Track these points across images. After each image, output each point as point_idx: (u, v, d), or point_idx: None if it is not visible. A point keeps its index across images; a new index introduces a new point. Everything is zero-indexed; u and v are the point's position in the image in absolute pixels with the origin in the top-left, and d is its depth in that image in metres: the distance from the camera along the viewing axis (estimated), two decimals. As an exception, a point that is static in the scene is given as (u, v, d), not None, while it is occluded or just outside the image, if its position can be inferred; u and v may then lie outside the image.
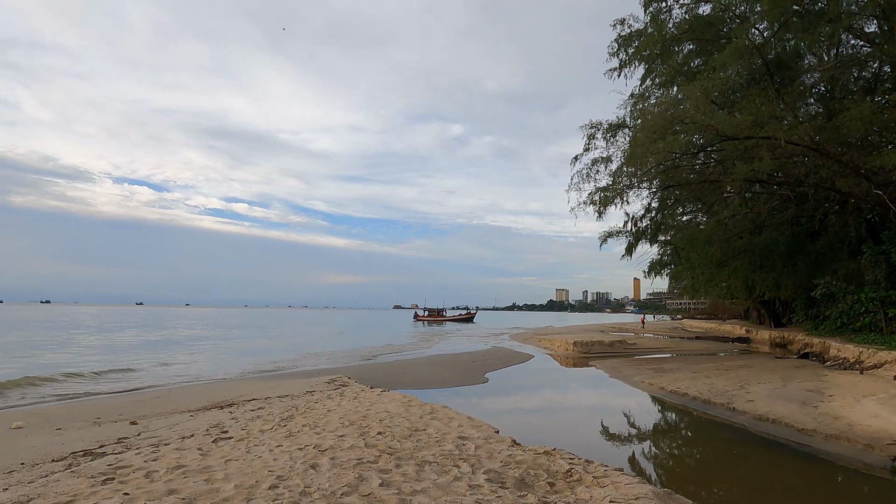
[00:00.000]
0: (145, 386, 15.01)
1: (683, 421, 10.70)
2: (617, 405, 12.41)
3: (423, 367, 18.99)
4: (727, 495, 5.98)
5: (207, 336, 39.23)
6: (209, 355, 24.40)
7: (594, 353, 25.07)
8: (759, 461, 7.30)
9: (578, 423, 9.96)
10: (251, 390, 12.56)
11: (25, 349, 25.71)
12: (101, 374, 16.93)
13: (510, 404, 12.13)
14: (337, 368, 18.94)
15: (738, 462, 7.38)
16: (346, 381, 13.65)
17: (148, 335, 39.87)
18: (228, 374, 18.02)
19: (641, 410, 11.77)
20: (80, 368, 18.24)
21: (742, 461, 7.40)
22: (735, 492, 6.12)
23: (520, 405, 12.09)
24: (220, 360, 21.98)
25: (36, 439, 7.87)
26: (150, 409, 10.37)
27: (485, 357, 23.07)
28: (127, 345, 30.55)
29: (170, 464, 5.47)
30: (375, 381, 14.85)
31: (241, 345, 32.06)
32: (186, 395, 12.07)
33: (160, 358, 22.62)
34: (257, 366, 20.25)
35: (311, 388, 12.27)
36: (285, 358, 23.20)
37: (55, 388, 14.27)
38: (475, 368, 18.93)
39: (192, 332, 45.75)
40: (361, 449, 5.81)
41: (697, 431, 9.79)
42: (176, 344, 32.16)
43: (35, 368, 18.27)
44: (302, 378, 15.42)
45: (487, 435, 6.70)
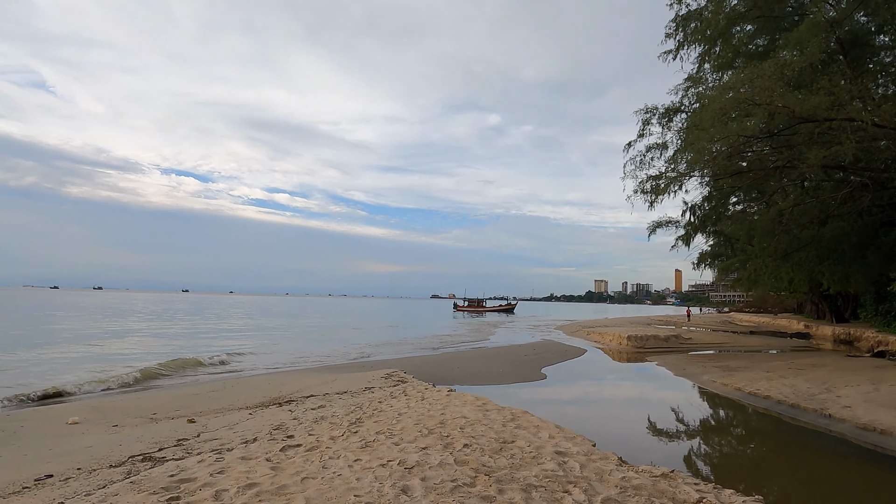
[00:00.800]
0: (203, 375, 14.64)
1: (777, 430, 9.54)
2: (695, 410, 11.32)
3: (475, 361, 18.18)
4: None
5: (260, 326, 39.31)
6: (261, 344, 24.13)
7: (649, 348, 23.83)
8: (883, 482, 6.21)
9: (663, 431, 8.95)
10: (307, 384, 11.95)
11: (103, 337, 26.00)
12: (162, 364, 16.71)
13: (578, 406, 11.20)
14: (388, 361, 18.29)
15: (862, 485, 6.30)
16: (403, 376, 12.93)
17: (208, 325, 40.27)
18: (281, 364, 17.58)
19: (726, 417, 10.67)
20: (137, 360, 18.11)
21: (867, 483, 6.31)
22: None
23: (590, 407, 11.13)
24: (272, 350, 21.64)
25: (92, 437, 7.35)
26: (207, 403, 9.83)
27: (536, 350, 22.12)
28: (189, 334, 30.72)
29: (239, 480, 4.75)
30: (430, 375, 14.12)
31: (290, 334, 31.87)
32: (242, 389, 11.54)
33: (215, 348, 22.41)
34: (308, 356, 19.79)
35: (370, 384, 11.57)
36: (333, 349, 22.73)
37: (112, 377, 13.99)
38: (529, 363, 18.02)
39: (244, 321, 46.13)
40: (452, 467, 4.98)
41: (796, 443, 8.64)
42: (229, 333, 32.26)
43: (101, 359, 18.21)
44: (355, 371, 14.79)
45: (586, 450, 5.80)
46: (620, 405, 11.37)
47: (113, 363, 16.35)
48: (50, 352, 18.94)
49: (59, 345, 21.43)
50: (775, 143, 20.55)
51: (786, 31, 22.46)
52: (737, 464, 7.20)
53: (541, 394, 12.33)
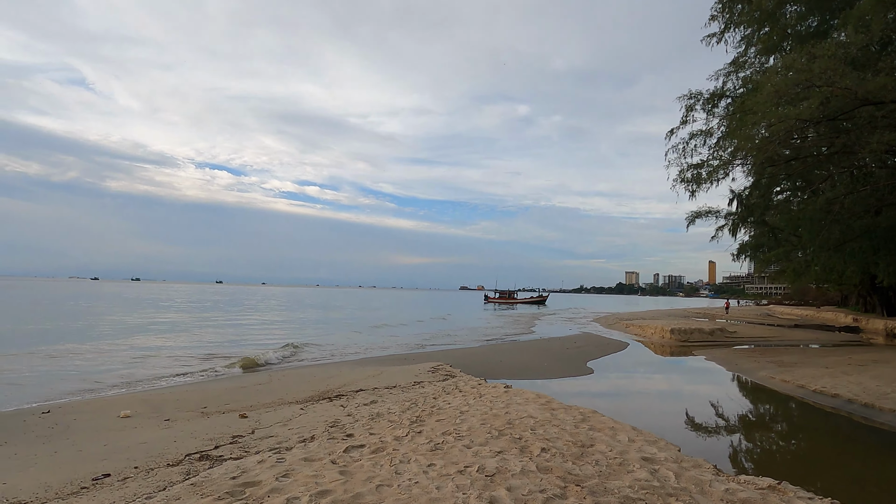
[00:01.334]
0: (246, 366, 14.49)
1: (854, 432, 8.81)
2: (762, 410, 10.62)
3: (517, 354, 17.68)
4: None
5: (305, 319, 39.42)
6: (300, 336, 24.05)
7: (693, 342, 22.97)
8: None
9: (734, 434, 8.33)
10: (353, 378, 11.63)
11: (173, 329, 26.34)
12: (205, 357, 16.66)
13: (634, 403, 10.61)
14: (429, 353, 17.92)
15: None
16: (449, 370, 12.51)
17: (253, 317, 40.62)
18: (322, 356, 17.37)
19: (798, 418, 9.95)
20: (176, 350, 18.14)
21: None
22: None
23: (647, 405, 10.54)
24: (312, 342, 21.50)
25: (145, 433, 7.11)
26: (256, 397, 9.56)
27: (577, 343, 21.51)
28: (239, 325, 30.95)
29: (308, 486, 4.37)
30: (474, 369, 13.69)
31: (333, 326, 31.80)
32: (288, 382, 11.27)
33: (260, 341, 22.38)
34: (349, 348, 19.56)
35: (418, 378, 11.18)
36: (371, 340, 22.47)
37: (159, 371, 13.94)
38: (573, 357, 17.45)
39: (285, 313, 46.44)
40: (537, 475, 4.52)
41: (882, 447, 7.93)
42: (268, 325, 32.38)
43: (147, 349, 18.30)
44: (399, 364, 14.44)
45: (675, 456, 5.26)
46: (680, 403, 10.75)
47: (195, 354, 16.43)
48: (118, 345, 19.15)
49: (127, 337, 21.71)
50: (827, 128, 19.43)
51: (840, 11, 21.21)
52: (830, 474, 6.57)
53: (591, 389, 11.78)
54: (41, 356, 15.19)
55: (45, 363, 14.06)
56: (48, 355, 15.42)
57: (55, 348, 17.03)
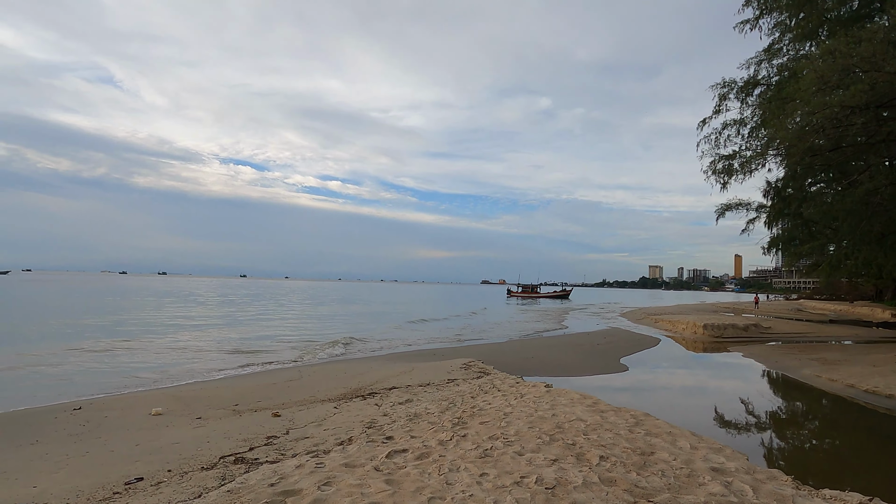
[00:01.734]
0: (273, 363, 14.30)
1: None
2: (814, 412, 10.04)
3: (547, 350, 17.22)
4: None
5: (325, 313, 39.43)
6: (333, 331, 23.89)
7: (727, 338, 22.23)
8: None
9: (792, 440, 7.79)
10: (384, 374, 11.31)
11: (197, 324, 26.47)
12: (234, 352, 16.55)
13: (679, 402, 10.11)
14: (459, 348, 17.55)
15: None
16: (483, 367, 12.13)
17: (284, 312, 40.73)
18: (350, 351, 17.13)
19: (855, 421, 9.35)
20: (204, 344, 18.06)
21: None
22: None
23: (692, 405, 10.02)
24: (343, 338, 21.28)
25: (178, 431, 6.86)
26: (287, 394, 9.30)
27: (606, 339, 20.96)
28: (248, 318, 31.00)
29: (353, 497, 4.01)
30: (506, 365, 13.29)
31: (353, 320, 31.64)
32: (319, 379, 11.00)
33: (287, 336, 22.28)
34: (377, 343, 19.30)
35: (451, 375, 10.82)
36: (399, 335, 22.19)
37: (191, 365, 13.81)
38: (604, 352, 16.95)
39: (311, 307, 46.51)
40: (601, 487, 4.11)
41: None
42: (296, 318, 32.36)
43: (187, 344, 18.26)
44: (429, 360, 14.09)
45: (746, 466, 4.81)
46: (728, 404, 10.20)
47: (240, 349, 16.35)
48: (152, 340, 19.20)
49: (176, 333, 21.78)
50: (872, 116, 18.53)
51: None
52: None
53: (630, 387, 11.29)
54: (75, 351, 15.21)
55: (78, 358, 14.05)
56: (82, 350, 15.44)
57: (89, 343, 17.08)
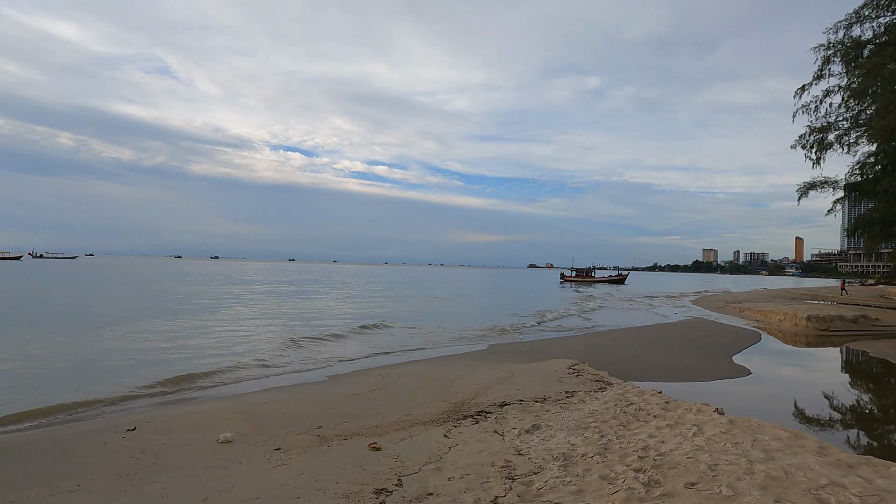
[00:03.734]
0: (346, 359, 12.65)
1: None
2: None
3: (642, 346, 14.95)
4: None
5: (396, 296, 37.98)
6: (392, 317, 22.28)
7: (836, 331, 19.33)
8: None
9: None
10: (480, 381, 9.39)
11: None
12: (297, 344, 15.07)
13: (867, 428, 7.82)
14: (545, 343, 15.50)
15: None
16: (594, 371, 10.03)
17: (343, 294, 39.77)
18: (426, 345, 15.36)
19: None
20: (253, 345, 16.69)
21: None
22: None
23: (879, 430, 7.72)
24: (407, 327, 19.56)
25: (254, 475, 5.11)
26: (377, 410, 7.49)
27: (700, 332, 18.50)
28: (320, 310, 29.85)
29: None
30: (608, 366, 11.21)
31: (420, 307, 29.97)
32: (407, 386, 9.16)
33: (351, 322, 20.66)
34: (451, 336, 17.46)
35: (565, 385, 8.78)
36: (468, 326, 20.29)
37: (262, 356, 12.33)
38: (707, 349, 14.62)
39: (362, 290, 45.44)
40: None
41: None
42: (357, 304, 31.04)
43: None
44: (519, 359, 12.08)
45: None
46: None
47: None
48: (217, 329, 18.14)
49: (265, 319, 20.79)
50: None
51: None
52: None
53: (776, 399, 9.01)
54: (138, 340, 14.04)
55: (139, 349, 12.80)
56: (144, 340, 14.25)
57: (150, 331, 15.94)
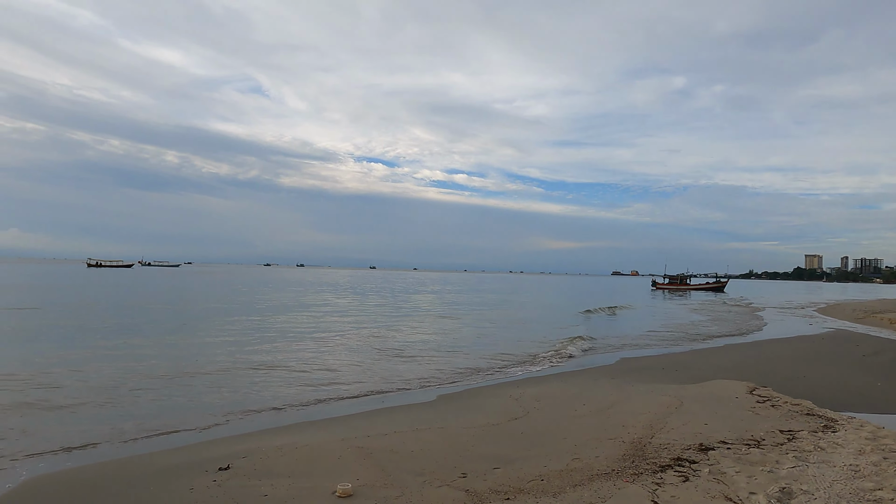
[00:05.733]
0: (451, 374, 10.86)
1: None
2: None
3: (806, 364, 12.01)
4: None
5: (476, 306, 36.20)
6: (497, 329, 20.23)
7: None
8: None
9: None
10: (638, 407, 7.21)
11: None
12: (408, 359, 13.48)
13: None
14: (679, 355, 13.00)
15: None
16: (798, 402, 7.60)
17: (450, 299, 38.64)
18: (539, 357, 13.33)
19: None
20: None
21: None
22: None
23: None
24: (511, 338, 17.48)
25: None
26: (529, 451, 5.55)
27: (858, 346, 15.31)
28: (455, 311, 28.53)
29: None
30: (781, 387, 8.75)
31: (504, 313, 27.94)
32: (550, 413, 7.13)
33: (456, 336, 18.59)
34: (562, 348, 15.32)
35: (768, 422, 6.45)
36: (594, 334, 17.84)
37: (360, 382, 10.81)
38: (889, 368, 11.63)
39: (468, 296, 43.96)
40: None
41: None
42: (456, 315, 29.42)
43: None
44: (684, 381, 9.66)
45: None
46: None
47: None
48: (323, 342, 17.12)
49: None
50: None
51: None
52: None
53: None
54: (233, 355, 13.01)
55: (232, 362, 11.68)
56: (237, 356, 13.20)
57: (243, 341, 14.81)
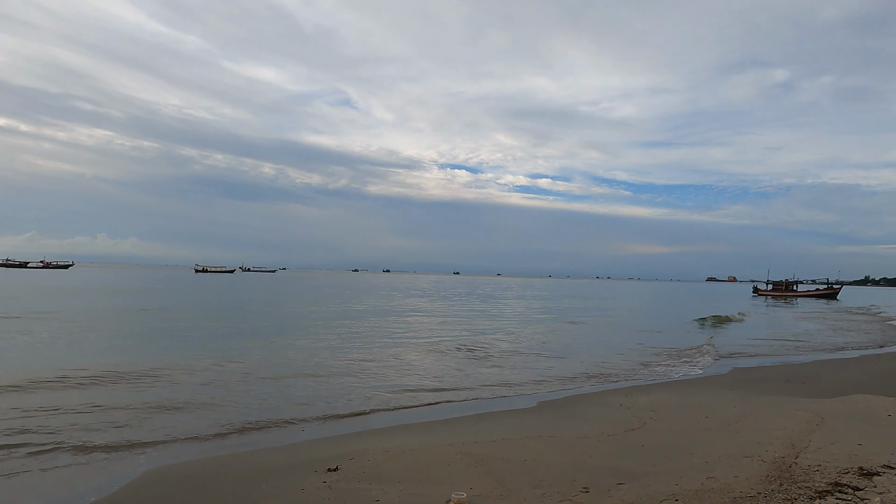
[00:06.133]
0: (549, 380, 10.25)
1: None
2: None
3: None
4: None
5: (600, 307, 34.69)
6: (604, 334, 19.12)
7: None
8: None
9: None
10: (770, 422, 6.24)
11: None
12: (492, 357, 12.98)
13: None
14: (799, 366, 11.53)
15: None
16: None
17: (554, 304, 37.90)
18: (639, 364, 12.37)
19: None
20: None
21: None
22: None
23: None
24: (611, 345, 16.38)
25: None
26: (654, 466, 4.87)
27: None
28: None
29: None
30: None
31: (594, 317, 26.67)
32: (670, 426, 6.40)
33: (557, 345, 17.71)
34: (665, 353, 14.19)
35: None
36: (678, 345, 16.60)
37: (459, 383, 10.47)
38: None
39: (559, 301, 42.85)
40: None
41: None
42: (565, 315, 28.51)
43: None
44: (818, 395, 8.57)
45: None
46: None
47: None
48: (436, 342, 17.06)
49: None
50: None
51: None
52: None
53: None
54: (336, 355, 13.07)
55: (335, 365, 11.70)
56: (339, 352, 13.21)
57: (347, 348, 14.05)
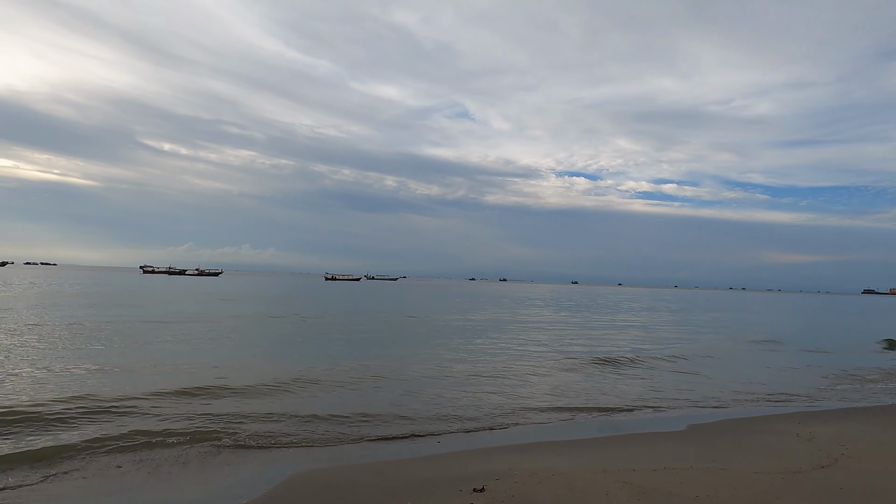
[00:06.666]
0: (693, 401, 9.37)
1: None
2: None
3: None
4: None
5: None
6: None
7: None
8: None
9: None
10: None
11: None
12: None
13: None
14: None
15: None
16: None
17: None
18: (795, 388, 10.89)
19: None
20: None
21: None
22: None
23: None
24: (765, 363, 14.60)
25: None
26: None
27: None
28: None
29: None
30: None
31: (727, 335, 24.05)
32: (870, 465, 5.50)
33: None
34: (819, 376, 12.37)
35: None
36: (845, 366, 14.30)
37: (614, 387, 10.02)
38: None
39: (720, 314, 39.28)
40: None
41: None
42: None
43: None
44: None
45: None
46: None
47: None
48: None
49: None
50: None
51: None
52: None
53: None
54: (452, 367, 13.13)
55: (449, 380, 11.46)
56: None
57: (479, 359, 13.46)
